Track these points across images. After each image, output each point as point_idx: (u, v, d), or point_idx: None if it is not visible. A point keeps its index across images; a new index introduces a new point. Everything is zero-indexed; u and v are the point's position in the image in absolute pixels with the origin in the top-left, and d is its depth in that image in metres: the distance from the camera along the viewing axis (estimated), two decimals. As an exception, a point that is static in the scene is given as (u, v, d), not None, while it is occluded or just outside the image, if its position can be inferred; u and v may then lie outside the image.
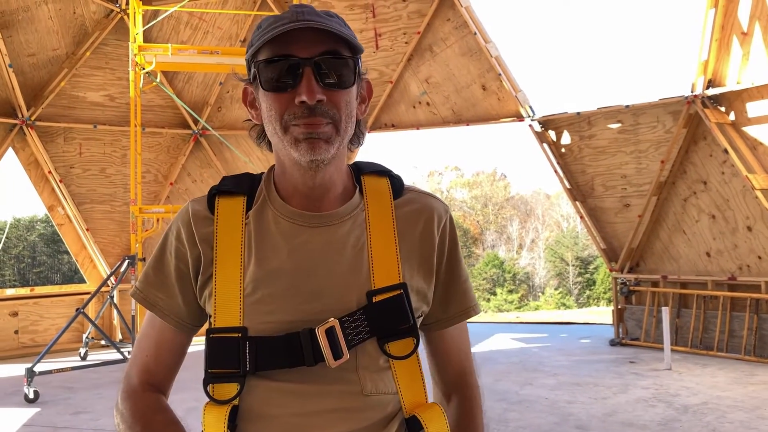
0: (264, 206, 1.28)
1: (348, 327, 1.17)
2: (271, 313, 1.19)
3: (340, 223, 1.26)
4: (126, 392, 1.29)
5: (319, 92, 1.16)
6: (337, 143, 1.21)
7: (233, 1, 10.13)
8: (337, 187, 1.29)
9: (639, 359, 8.27)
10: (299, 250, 1.23)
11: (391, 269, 1.23)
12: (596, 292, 40.40)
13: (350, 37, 1.19)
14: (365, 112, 1.33)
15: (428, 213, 1.32)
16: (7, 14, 8.71)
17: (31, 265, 35.55)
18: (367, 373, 1.20)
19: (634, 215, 9.34)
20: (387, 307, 1.20)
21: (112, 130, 10.06)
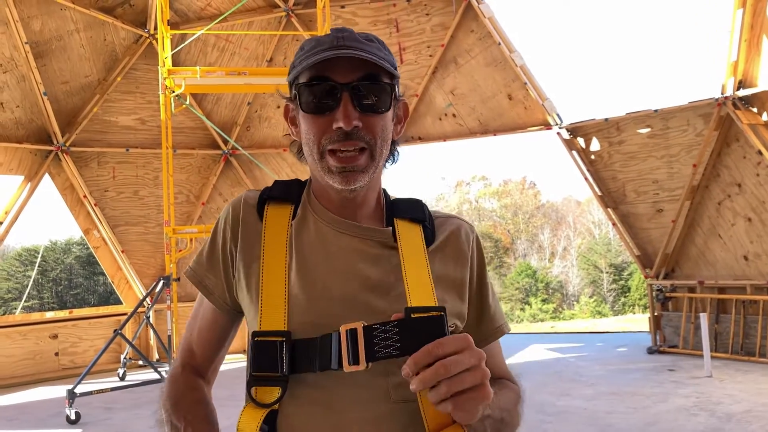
0: (306, 212, 1.33)
1: (377, 336, 1.12)
2: (307, 313, 1.21)
3: (374, 242, 1.29)
4: (170, 372, 1.39)
5: (356, 117, 1.19)
6: (372, 170, 1.24)
7: (259, 22, 10.28)
8: (371, 203, 1.33)
9: (678, 367, 8.12)
10: (336, 254, 1.26)
11: (426, 295, 1.22)
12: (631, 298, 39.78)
13: (387, 65, 1.22)
14: (401, 132, 1.35)
15: (457, 233, 1.34)
16: (42, 44, 8.95)
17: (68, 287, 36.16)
18: (397, 380, 1.15)
19: (667, 220, 9.21)
20: (425, 326, 1.13)
21: (144, 153, 10.24)
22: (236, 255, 1.32)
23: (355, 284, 1.23)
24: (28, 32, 8.69)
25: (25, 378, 8.94)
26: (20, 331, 9.13)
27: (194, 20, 10.01)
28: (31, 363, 9.13)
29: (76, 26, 9.20)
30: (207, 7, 9.97)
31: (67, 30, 9.14)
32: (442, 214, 1.39)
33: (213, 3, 9.93)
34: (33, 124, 9.30)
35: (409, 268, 1.25)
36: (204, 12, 10.02)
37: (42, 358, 9.25)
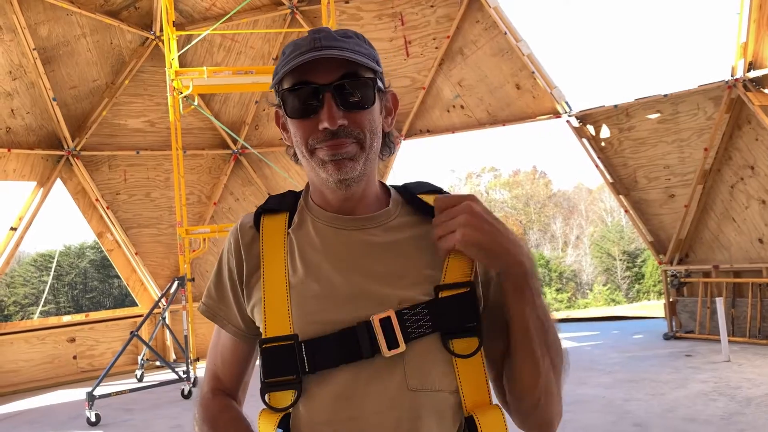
0: (303, 216, 1.35)
1: (408, 320, 1.18)
2: (316, 313, 1.22)
3: (377, 227, 1.30)
4: (199, 398, 1.41)
5: (340, 117, 1.21)
6: (363, 159, 1.25)
7: (264, 20, 10.28)
8: (370, 198, 1.33)
9: (695, 352, 8.08)
10: (338, 250, 1.27)
11: (464, 265, 1.24)
12: (646, 285, 39.61)
13: (366, 61, 1.22)
14: (392, 124, 1.36)
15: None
16: (49, 50, 9.00)
17: (84, 291, 36.43)
18: (416, 368, 1.19)
19: (680, 205, 9.16)
20: (454, 303, 1.20)
21: (154, 155, 10.29)
22: (243, 280, 1.34)
23: (360, 278, 1.24)
24: (35, 39, 8.74)
25: (44, 382, 9.02)
26: (38, 335, 9.22)
27: (199, 21, 10.03)
28: (50, 367, 9.22)
29: (82, 31, 9.24)
30: (212, 7, 9.99)
31: (73, 35, 9.18)
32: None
33: (218, 3, 9.94)
34: (43, 129, 9.36)
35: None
36: (209, 12, 10.04)
37: (60, 362, 9.33)
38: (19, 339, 9.04)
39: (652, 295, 37.36)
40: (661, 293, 10.54)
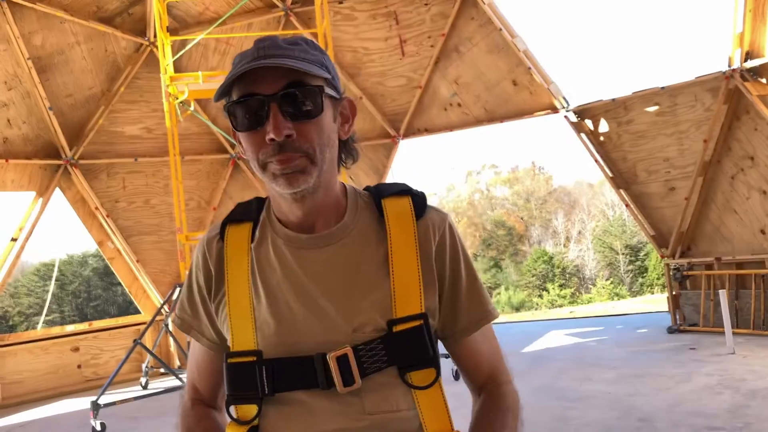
0: (265, 230, 1.34)
1: (364, 355, 1.19)
2: (278, 335, 1.23)
3: (333, 244, 1.28)
4: (180, 408, 1.45)
5: (287, 127, 1.17)
6: (315, 173, 1.22)
7: (258, 23, 10.27)
8: (329, 210, 1.31)
9: (700, 345, 8.05)
10: (294, 272, 1.26)
11: (413, 297, 1.23)
12: (649, 279, 39.58)
13: (312, 68, 1.19)
14: (349, 131, 1.33)
15: (426, 227, 1.30)
16: (44, 59, 8.98)
17: (87, 300, 36.46)
18: (372, 394, 1.21)
19: (680, 198, 9.12)
20: (407, 337, 1.21)
21: (152, 162, 10.28)
22: (212, 295, 1.34)
23: (316, 303, 1.23)
24: (29, 48, 8.73)
25: (49, 392, 9.01)
26: (42, 345, 9.20)
27: (193, 25, 10.01)
28: (54, 377, 9.20)
29: (76, 39, 9.23)
30: (205, 11, 9.97)
31: (68, 43, 9.17)
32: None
33: (211, 7, 9.92)
34: (40, 139, 9.35)
35: (397, 259, 1.25)
36: (202, 16, 10.02)
37: (65, 372, 9.31)
38: (23, 350, 9.03)
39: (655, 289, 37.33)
40: (665, 287, 10.51)
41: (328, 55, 1.29)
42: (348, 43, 10.39)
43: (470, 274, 1.34)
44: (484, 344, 1.37)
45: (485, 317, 1.35)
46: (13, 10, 8.41)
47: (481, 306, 1.35)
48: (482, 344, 1.37)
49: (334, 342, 1.20)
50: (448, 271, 1.30)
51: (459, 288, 1.32)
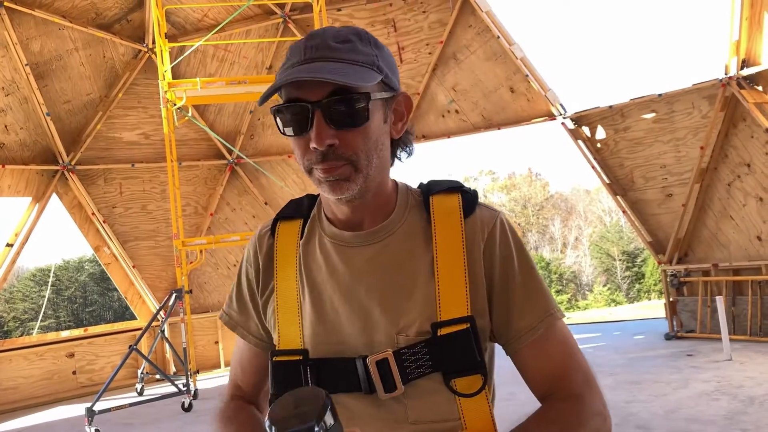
0: (314, 227, 1.32)
1: (407, 360, 1.15)
2: (322, 334, 1.22)
3: (379, 242, 1.24)
4: (217, 407, 1.41)
5: (330, 136, 1.13)
6: (360, 180, 1.17)
7: (256, 29, 10.28)
8: (378, 208, 1.26)
9: (697, 352, 8.05)
10: (339, 270, 1.24)
11: (459, 299, 1.17)
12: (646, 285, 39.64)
13: (352, 81, 1.11)
14: (402, 129, 1.27)
15: (474, 225, 1.24)
16: (42, 65, 8.98)
17: (84, 305, 36.35)
18: (415, 401, 1.16)
19: (677, 205, 9.14)
20: (453, 341, 1.15)
21: (149, 167, 10.27)
22: (259, 288, 1.34)
23: (359, 303, 1.21)
24: (27, 54, 8.73)
25: (44, 398, 8.97)
26: (37, 351, 9.17)
27: (192, 32, 10.02)
28: (49, 383, 9.16)
29: (74, 45, 9.23)
30: (204, 18, 9.98)
31: (66, 49, 9.17)
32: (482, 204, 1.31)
33: (210, 14, 9.94)
34: (38, 145, 9.34)
35: (442, 259, 1.20)
36: (201, 23, 10.03)
37: (60, 378, 9.28)
38: (17, 356, 8.99)
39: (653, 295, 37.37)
40: (662, 293, 10.52)
41: (383, 48, 1.22)
42: (346, 49, 10.39)
43: (525, 274, 1.24)
44: (545, 351, 1.23)
45: (541, 322, 1.22)
46: (12, 15, 8.41)
47: (536, 309, 1.23)
48: (542, 351, 1.23)
49: (377, 344, 1.17)
50: (498, 272, 1.22)
51: (511, 290, 1.22)
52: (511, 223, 1.28)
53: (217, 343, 10.31)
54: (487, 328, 1.21)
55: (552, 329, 1.23)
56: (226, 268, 10.84)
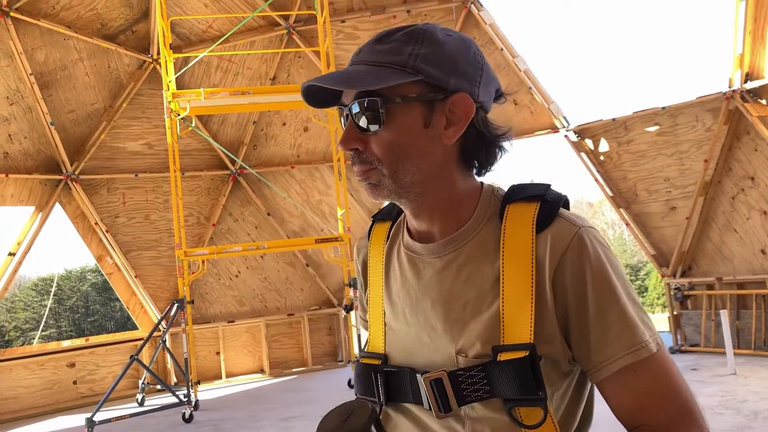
0: (398, 232, 1.32)
1: (464, 381, 1.09)
2: (395, 344, 1.23)
3: (450, 253, 1.18)
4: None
5: (354, 139, 1.13)
6: (390, 184, 1.14)
7: (261, 41, 10.32)
8: (447, 217, 1.20)
9: (701, 366, 8.00)
10: (410, 281, 1.23)
11: (522, 323, 1.07)
12: (649, 298, 39.47)
13: (363, 82, 1.10)
14: (455, 135, 1.15)
15: (546, 242, 1.11)
16: (47, 74, 9.02)
17: (85, 315, 36.29)
18: (476, 423, 1.11)
19: (681, 218, 9.12)
20: (513, 368, 1.05)
21: (153, 177, 10.28)
22: (365, 291, 1.37)
23: (424, 317, 1.18)
24: (32, 63, 8.77)
25: (44, 408, 8.94)
26: (38, 361, 9.15)
27: (196, 43, 10.06)
28: (50, 393, 9.14)
29: (79, 55, 9.28)
30: (208, 29, 10.03)
31: (71, 59, 9.21)
32: (566, 214, 1.15)
33: (214, 25, 9.98)
34: (41, 154, 9.36)
35: (508, 278, 1.10)
36: (206, 34, 10.08)
37: (60, 388, 9.25)
38: (18, 365, 8.98)
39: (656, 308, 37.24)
40: (666, 306, 10.47)
41: (442, 46, 1.13)
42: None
43: (604, 304, 1.08)
44: (630, 386, 1.09)
45: (621, 358, 1.08)
46: (17, 25, 8.46)
47: (617, 344, 1.08)
48: (626, 386, 1.09)
49: (437, 361, 1.13)
50: (571, 298, 1.09)
51: (587, 321, 1.08)
52: (595, 241, 1.12)
53: (219, 354, 10.29)
54: (560, 355, 1.10)
55: (640, 364, 1.08)
56: (228, 279, 10.83)
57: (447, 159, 1.16)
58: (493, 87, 1.22)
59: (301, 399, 8.42)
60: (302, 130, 10.92)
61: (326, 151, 10.93)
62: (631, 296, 1.10)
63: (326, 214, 11.21)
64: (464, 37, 1.19)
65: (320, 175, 11.14)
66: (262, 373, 10.46)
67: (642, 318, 1.09)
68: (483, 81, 1.18)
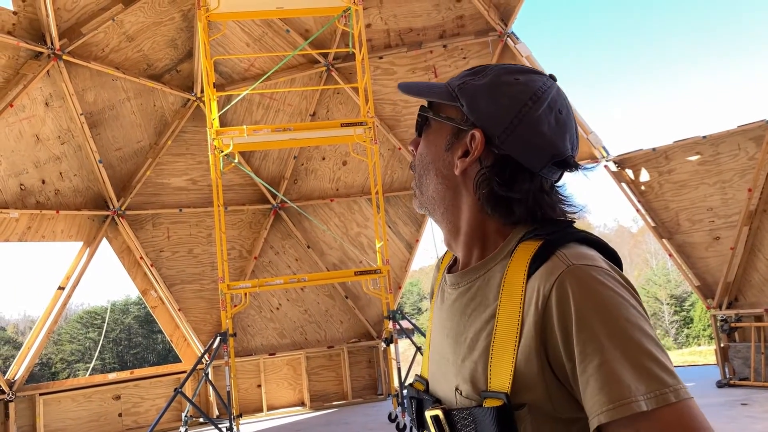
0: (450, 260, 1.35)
1: (459, 422, 1.09)
2: (427, 371, 1.28)
3: (465, 285, 1.19)
4: None
5: (413, 142, 1.30)
6: (418, 195, 1.28)
7: (301, 78, 10.54)
8: (470, 249, 1.21)
9: (752, 401, 7.77)
10: (439, 309, 1.28)
11: (504, 370, 1.04)
12: (695, 330, 38.43)
13: (415, 91, 1.25)
14: (463, 167, 1.17)
15: (533, 286, 1.05)
16: (96, 114, 9.35)
17: (128, 347, 36.82)
18: None
19: (725, 248, 8.94)
20: (490, 416, 1.03)
21: (196, 212, 10.50)
22: None
23: (442, 346, 1.22)
24: (82, 104, 9.10)
25: (90, 440, 9.09)
26: (84, 393, 9.34)
27: (239, 81, 10.33)
28: (96, 425, 9.30)
29: (127, 95, 9.60)
30: (250, 67, 10.30)
31: (118, 99, 9.54)
32: (564, 253, 1.07)
33: (256, 63, 10.25)
34: (90, 191, 9.65)
35: (501, 320, 1.07)
36: (248, 72, 10.34)
37: (106, 420, 9.41)
38: (66, 397, 9.17)
39: (702, 340, 36.21)
40: (712, 338, 10.21)
41: (487, 82, 1.17)
42: (388, 96, 10.59)
43: (585, 349, 0.97)
44: None
45: (596, 415, 0.94)
46: (69, 68, 8.81)
47: (592, 398, 0.95)
48: None
49: (447, 393, 1.16)
50: (560, 340, 1.00)
51: (573, 363, 0.98)
52: (592, 279, 1.01)
53: (260, 387, 10.35)
54: (545, 403, 1.02)
55: (633, 421, 0.92)
56: (269, 311, 10.94)
57: (465, 189, 1.19)
58: (541, 149, 1.13)
59: (342, 432, 8.40)
60: (341, 164, 11.06)
61: (365, 184, 11.04)
62: (630, 342, 0.95)
63: (365, 246, 11.28)
64: (533, 87, 1.15)
65: (359, 207, 11.25)
66: (303, 406, 10.48)
67: (640, 368, 0.93)
68: (518, 132, 1.12)
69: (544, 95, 1.14)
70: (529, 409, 1.02)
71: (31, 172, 8.89)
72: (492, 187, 1.14)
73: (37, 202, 9.03)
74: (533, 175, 1.13)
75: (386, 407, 9.38)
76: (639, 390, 0.92)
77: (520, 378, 1.02)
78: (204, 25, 8.34)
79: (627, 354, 0.94)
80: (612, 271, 1.03)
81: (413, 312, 42.99)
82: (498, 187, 1.13)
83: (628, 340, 0.95)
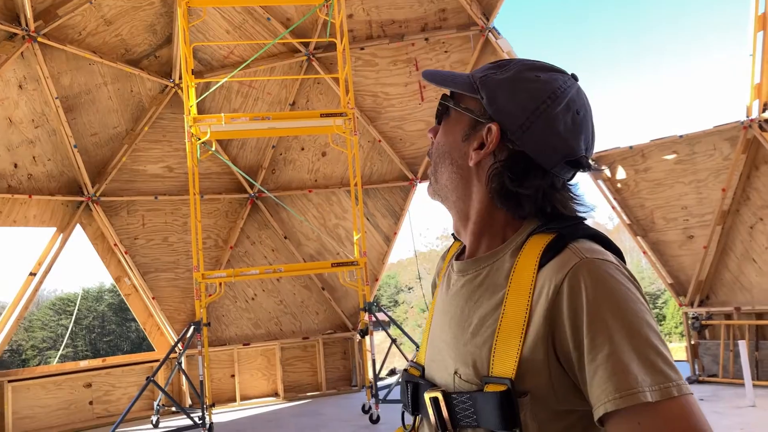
0: (463, 251, 1.35)
1: (457, 405, 1.11)
2: (425, 356, 1.28)
3: (473, 273, 1.21)
4: None
5: (432, 129, 1.35)
6: (433, 182, 1.31)
7: (281, 67, 10.47)
8: (479, 239, 1.23)
9: (719, 397, 7.90)
10: (442, 295, 1.30)
11: (508, 357, 1.06)
12: (667, 327, 38.97)
13: (439, 80, 1.31)
14: (477, 159, 1.20)
15: (544, 278, 1.08)
16: (71, 98, 9.20)
17: (101, 335, 36.45)
18: None
19: (699, 246, 9.07)
20: (492, 401, 1.05)
21: (172, 200, 10.40)
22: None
23: (443, 332, 1.23)
24: (58, 87, 8.95)
25: (60, 428, 8.99)
26: (55, 381, 9.22)
27: (218, 68, 10.23)
28: (66, 413, 9.19)
29: (103, 79, 9.46)
30: (230, 55, 10.20)
31: (95, 83, 9.40)
32: (577, 247, 1.10)
33: (236, 51, 10.15)
34: (64, 176, 9.51)
35: (509, 309, 1.10)
36: (227, 60, 10.24)
37: (77, 407, 9.30)
38: (35, 385, 9.04)
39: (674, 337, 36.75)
40: (683, 336, 10.36)
41: (509, 77, 1.20)
42: (369, 87, 10.56)
43: (595, 339, 0.99)
44: None
45: (602, 404, 0.98)
46: (44, 50, 8.65)
47: (599, 387, 0.99)
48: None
49: (445, 377, 1.17)
50: (568, 330, 1.03)
51: (582, 354, 1.01)
52: (604, 273, 1.05)
53: (233, 377, 10.30)
54: (547, 392, 1.05)
55: (633, 413, 0.96)
56: (244, 302, 10.88)
57: (477, 180, 1.22)
58: (555, 148, 1.16)
59: (315, 423, 8.41)
60: (320, 155, 11.02)
61: (343, 175, 11.01)
62: (639, 336, 0.99)
63: (342, 238, 11.26)
64: (552, 86, 1.17)
65: (337, 199, 11.22)
66: (276, 396, 10.46)
67: (646, 362, 0.97)
68: (533, 129, 1.15)
69: (563, 94, 1.17)
70: (531, 397, 1.05)
71: (2, 155, 8.73)
72: (503, 181, 1.17)
73: (9, 186, 8.87)
74: (545, 172, 1.17)
75: (360, 398, 9.40)
76: (645, 382, 0.96)
77: (525, 365, 1.05)
78: (184, 10, 8.25)
79: (635, 347, 0.98)
80: (621, 266, 1.09)
81: (390, 304, 43.07)
82: (509, 181, 1.17)
83: (637, 333, 0.99)
